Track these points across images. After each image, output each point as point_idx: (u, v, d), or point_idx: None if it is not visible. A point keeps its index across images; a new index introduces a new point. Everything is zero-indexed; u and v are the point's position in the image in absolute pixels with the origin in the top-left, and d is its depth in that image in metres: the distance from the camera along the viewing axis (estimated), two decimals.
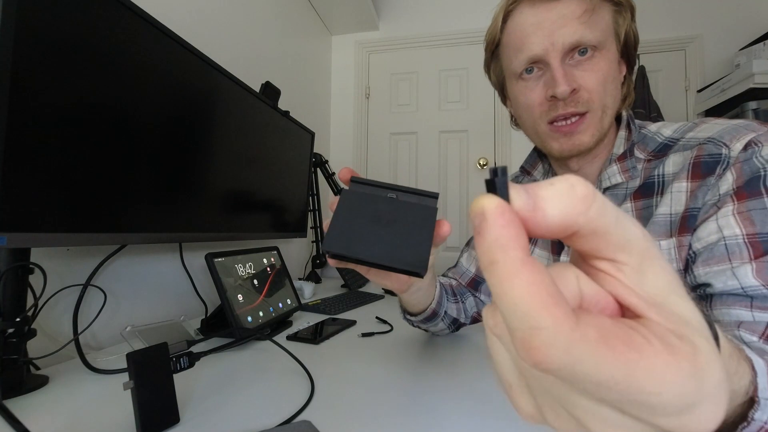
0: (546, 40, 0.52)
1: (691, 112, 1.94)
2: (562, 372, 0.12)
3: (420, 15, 2.22)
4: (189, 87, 0.79)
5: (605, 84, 0.52)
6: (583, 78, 0.52)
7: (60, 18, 0.53)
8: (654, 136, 0.56)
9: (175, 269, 0.95)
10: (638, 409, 0.12)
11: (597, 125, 0.53)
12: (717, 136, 0.48)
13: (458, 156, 2.16)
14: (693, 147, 0.50)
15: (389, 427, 0.43)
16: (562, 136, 0.54)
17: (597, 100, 0.52)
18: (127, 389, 0.39)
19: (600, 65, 0.52)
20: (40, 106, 0.51)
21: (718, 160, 0.46)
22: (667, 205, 0.50)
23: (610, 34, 0.53)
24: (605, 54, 0.52)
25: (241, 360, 0.65)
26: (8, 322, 0.52)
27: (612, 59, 0.53)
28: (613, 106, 0.54)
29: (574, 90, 0.52)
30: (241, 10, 1.33)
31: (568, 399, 0.14)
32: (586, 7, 0.51)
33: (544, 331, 0.12)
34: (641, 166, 0.55)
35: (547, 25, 0.52)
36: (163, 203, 0.74)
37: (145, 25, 0.67)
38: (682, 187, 0.49)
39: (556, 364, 0.12)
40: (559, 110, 0.53)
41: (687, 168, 0.49)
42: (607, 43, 0.52)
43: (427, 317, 0.68)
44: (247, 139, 1.02)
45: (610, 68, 0.52)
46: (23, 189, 0.49)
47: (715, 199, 0.45)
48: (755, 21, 1.84)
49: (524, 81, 0.56)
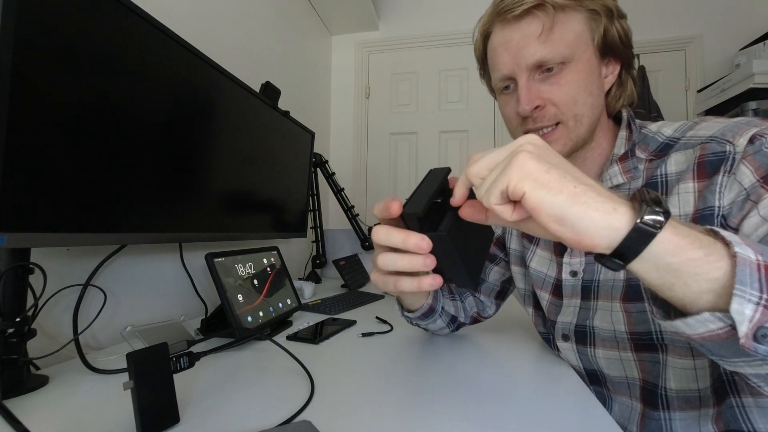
0: (512, 61, 0.54)
1: (691, 112, 1.94)
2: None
3: (420, 15, 2.22)
4: (189, 87, 0.79)
5: (574, 96, 0.52)
6: (550, 93, 0.53)
7: (60, 18, 0.53)
8: (655, 136, 0.55)
9: (175, 269, 0.95)
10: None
11: (569, 134, 0.54)
12: (719, 134, 0.47)
13: (458, 156, 2.16)
14: (695, 146, 0.49)
15: (389, 427, 0.43)
16: None
17: (566, 113, 0.53)
18: (127, 389, 0.39)
19: (568, 78, 0.52)
20: (40, 106, 0.51)
21: (722, 158, 0.46)
22: (676, 207, 0.49)
23: (581, 44, 0.52)
24: (574, 66, 0.52)
25: (241, 360, 0.65)
26: (8, 322, 0.52)
27: (583, 68, 0.53)
28: (589, 113, 0.54)
29: (539, 107, 0.53)
30: (241, 10, 1.33)
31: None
32: (543, 26, 0.51)
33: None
34: (643, 166, 0.54)
35: (513, 45, 0.54)
36: (163, 203, 0.74)
37: (145, 25, 0.67)
38: (689, 188, 0.48)
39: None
40: (529, 125, 0.55)
41: (692, 168, 0.48)
42: (577, 54, 0.52)
43: (424, 313, 0.68)
44: (247, 139, 1.02)
45: (581, 78, 0.52)
46: (23, 189, 0.49)
47: (744, 196, 0.44)
48: (755, 21, 1.84)
49: (504, 96, 0.59)
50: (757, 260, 0.26)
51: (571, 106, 0.53)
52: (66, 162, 0.54)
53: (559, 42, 0.51)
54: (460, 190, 0.35)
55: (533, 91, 0.53)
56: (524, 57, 0.53)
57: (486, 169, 0.33)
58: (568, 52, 0.52)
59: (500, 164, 0.31)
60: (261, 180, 1.11)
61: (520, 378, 0.59)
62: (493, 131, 2.11)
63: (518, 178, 0.29)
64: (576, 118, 0.53)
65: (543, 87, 0.53)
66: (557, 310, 0.64)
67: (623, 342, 0.55)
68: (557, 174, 0.29)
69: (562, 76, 0.52)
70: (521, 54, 0.53)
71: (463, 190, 0.35)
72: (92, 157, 0.58)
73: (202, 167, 0.85)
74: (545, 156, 0.31)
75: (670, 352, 0.51)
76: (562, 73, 0.52)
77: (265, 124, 1.11)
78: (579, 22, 0.53)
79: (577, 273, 0.60)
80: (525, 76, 0.53)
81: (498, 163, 0.32)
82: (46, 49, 0.51)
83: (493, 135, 2.11)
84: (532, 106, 0.53)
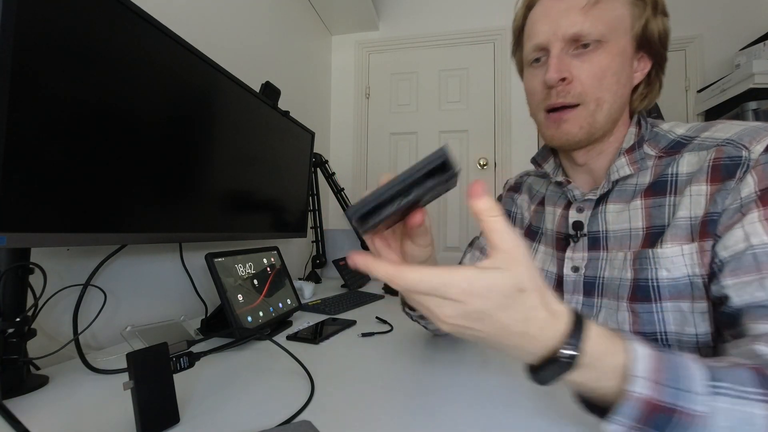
0: (549, 29, 0.53)
1: (691, 113, 1.95)
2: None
3: (420, 15, 2.22)
4: (189, 87, 0.79)
5: (602, 78, 0.51)
6: (579, 69, 0.52)
7: (60, 18, 0.53)
8: (666, 134, 0.55)
9: (175, 269, 0.95)
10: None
11: (588, 118, 0.53)
12: (736, 137, 0.46)
13: (458, 156, 2.16)
14: (710, 148, 0.48)
15: (389, 427, 0.43)
16: (553, 124, 0.55)
17: (590, 93, 0.52)
18: (127, 389, 0.39)
19: (599, 58, 0.51)
20: (41, 106, 0.51)
21: (738, 163, 0.45)
22: (687, 209, 0.48)
23: (618, 28, 0.52)
24: (609, 48, 0.51)
25: (241, 360, 0.65)
26: (8, 322, 0.52)
27: (617, 54, 0.52)
28: (611, 100, 0.53)
29: (565, 79, 0.52)
30: (241, 10, 1.33)
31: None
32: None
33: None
34: (651, 162, 0.54)
35: (553, 14, 0.53)
36: (164, 203, 0.74)
37: (145, 25, 0.67)
38: (701, 191, 0.48)
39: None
40: (552, 99, 0.54)
41: (706, 170, 0.48)
42: (614, 37, 0.51)
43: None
44: (247, 139, 1.02)
45: (613, 63, 0.51)
46: (23, 189, 0.49)
47: (737, 204, 0.44)
48: (755, 21, 1.84)
49: (532, 69, 0.58)
50: (648, 398, 0.30)
51: (596, 86, 0.52)
52: (66, 162, 0.54)
53: (600, 19, 0.50)
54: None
55: (564, 62, 0.52)
56: (562, 27, 0.52)
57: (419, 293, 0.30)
58: (606, 31, 0.51)
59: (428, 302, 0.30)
60: (261, 180, 1.11)
61: (521, 378, 0.59)
62: (493, 131, 2.11)
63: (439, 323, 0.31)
64: (597, 102, 0.52)
65: (574, 62, 0.52)
66: None
67: None
68: (470, 334, 0.31)
69: (595, 54, 0.51)
70: (560, 24, 0.52)
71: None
72: (92, 157, 0.58)
73: (202, 167, 0.85)
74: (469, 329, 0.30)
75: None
76: (596, 51, 0.51)
77: (265, 124, 1.11)
78: (624, 5, 0.52)
79: (579, 268, 0.59)
80: (559, 46, 0.52)
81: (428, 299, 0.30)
82: (46, 49, 0.51)
83: (493, 135, 2.11)
84: (561, 75, 0.52)
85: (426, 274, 0.28)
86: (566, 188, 0.62)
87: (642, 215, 0.53)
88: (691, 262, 0.48)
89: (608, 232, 0.56)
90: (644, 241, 0.52)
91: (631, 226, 0.54)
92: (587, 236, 0.58)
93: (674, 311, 0.49)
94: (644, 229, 0.52)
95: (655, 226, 0.51)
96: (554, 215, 0.65)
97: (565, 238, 0.61)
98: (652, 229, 0.52)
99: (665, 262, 0.49)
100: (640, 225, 0.53)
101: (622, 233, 0.55)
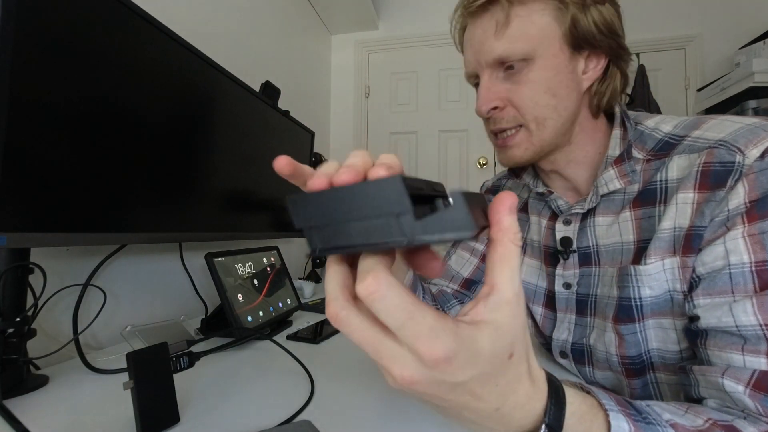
0: (473, 58, 0.52)
1: (691, 111, 1.94)
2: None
3: (420, 15, 2.22)
4: (189, 86, 0.79)
5: (535, 97, 0.49)
6: (512, 92, 0.49)
7: (60, 18, 0.52)
8: (652, 133, 0.50)
9: (175, 269, 0.95)
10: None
11: (530, 139, 0.51)
12: (730, 139, 0.42)
13: (458, 155, 2.16)
14: (701, 150, 0.43)
15: (389, 427, 0.43)
16: (500, 148, 0.54)
17: (526, 115, 0.49)
18: (127, 389, 0.39)
19: (529, 77, 0.48)
20: (41, 106, 0.51)
21: (730, 170, 0.40)
22: (671, 219, 0.45)
23: (544, 40, 0.48)
24: (539, 63, 0.48)
25: (241, 360, 0.65)
26: (8, 322, 0.52)
27: (551, 66, 0.48)
28: (554, 116, 0.49)
29: (497, 108, 0.51)
30: (241, 9, 1.33)
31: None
32: (497, 21, 0.48)
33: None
34: (640, 167, 0.50)
35: (474, 42, 0.51)
36: (163, 203, 0.74)
37: (145, 25, 0.67)
38: (687, 198, 0.43)
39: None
40: (491, 126, 0.53)
41: (694, 176, 0.43)
42: (541, 50, 0.48)
43: None
44: (247, 138, 1.02)
45: (546, 77, 0.48)
46: (23, 189, 0.49)
47: (724, 217, 0.40)
48: (755, 20, 1.84)
49: (476, 92, 0.56)
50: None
51: (531, 107, 0.49)
52: (66, 162, 0.54)
53: (517, 38, 0.47)
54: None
55: (493, 90, 0.50)
56: (483, 54, 0.50)
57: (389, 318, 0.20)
58: (530, 48, 0.47)
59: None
60: (261, 179, 1.11)
61: None
62: None
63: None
64: (537, 122, 0.49)
65: (504, 86, 0.50)
66: (551, 324, 0.60)
67: (615, 365, 0.52)
68: (428, 401, 0.24)
69: (523, 74, 0.48)
70: (481, 51, 0.50)
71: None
72: (92, 157, 0.58)
73: (202, 167, 0.85)
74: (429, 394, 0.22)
75: (659, 370, 0.49)
76: (525, 71, 0.48)
77: (264, 123, 1.11)
78: (544, 14, 0.48)
79: (571, 285, 0.56)
80: (488, 73, 0.50)
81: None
82: (46, 49, 0.51)
83: None
84: (489, 107, 0.50)
85: (401, 306, 0.18)
86: (549, 199, 0.59)
87: (632, 227, 0.49)
88: (672, 276, 0.45)
89: (599, 247, 0.53)
90: (635, 256, 0.49)
91: (622, 239, 0.50)
92: (577, 252, 0.55)
93: (656, 328, 0.47)
94: (635, 243, 0.49)
95: (644, 239, 0.48)
96: (540, 226, 0.62)
97: (554, 254, 0.58)
98: (641, 243, 0.48)
99: (648, 279, 0.46)
100: (631, 238, 0.49)
101: (613, 247, 0.51)
